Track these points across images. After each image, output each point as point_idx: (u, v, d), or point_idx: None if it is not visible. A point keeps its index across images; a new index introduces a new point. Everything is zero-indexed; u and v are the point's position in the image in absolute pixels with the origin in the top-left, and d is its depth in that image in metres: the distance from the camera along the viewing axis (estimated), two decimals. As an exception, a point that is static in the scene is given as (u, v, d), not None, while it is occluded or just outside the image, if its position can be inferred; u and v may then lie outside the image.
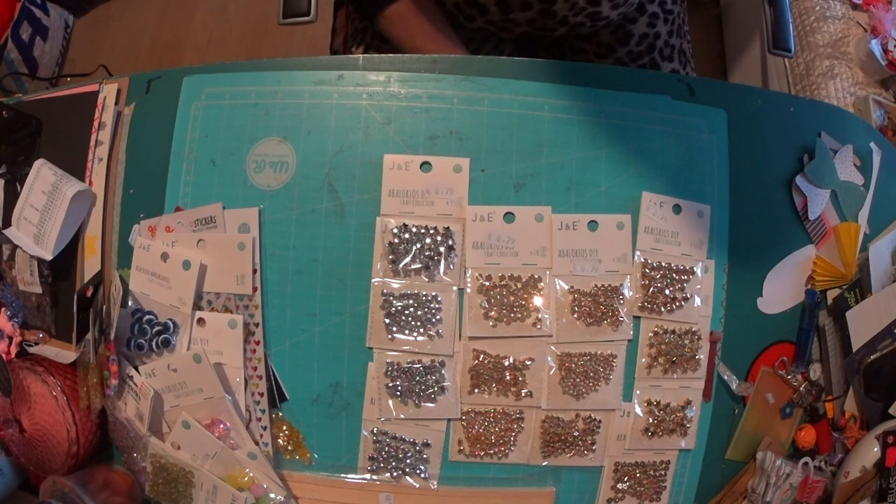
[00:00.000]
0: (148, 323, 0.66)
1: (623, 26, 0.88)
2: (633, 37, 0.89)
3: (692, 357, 0.67)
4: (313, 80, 0.68)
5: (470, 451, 0.66)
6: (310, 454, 0.67)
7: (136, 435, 0.67)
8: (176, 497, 0.67)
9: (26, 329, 0.72)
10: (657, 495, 0.68)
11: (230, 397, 0.65)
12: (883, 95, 1.25)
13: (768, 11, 0.95)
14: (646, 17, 0.88)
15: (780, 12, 0.94)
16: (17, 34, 1.66)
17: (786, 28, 0.94)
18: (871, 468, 0.66)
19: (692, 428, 0.68)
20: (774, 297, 0.70)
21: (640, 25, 0.89)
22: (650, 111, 0.68)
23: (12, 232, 0.70)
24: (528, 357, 0.65)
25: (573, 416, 0.66)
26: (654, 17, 0.89)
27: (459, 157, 0.66)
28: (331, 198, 0.66)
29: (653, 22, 0.89)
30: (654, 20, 0.89)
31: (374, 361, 0.66)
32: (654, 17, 0.89)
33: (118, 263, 0.69)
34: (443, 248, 0.65)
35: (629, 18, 0.88)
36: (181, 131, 0.68)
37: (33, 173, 0.69)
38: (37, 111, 0.74)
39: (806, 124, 0.72)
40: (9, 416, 0.70)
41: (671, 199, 0.67)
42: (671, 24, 0.91)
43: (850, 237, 0.71)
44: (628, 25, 0.89)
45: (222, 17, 1.91)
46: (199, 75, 0.69)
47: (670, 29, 0.91)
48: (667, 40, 0.91)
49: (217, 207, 0.66)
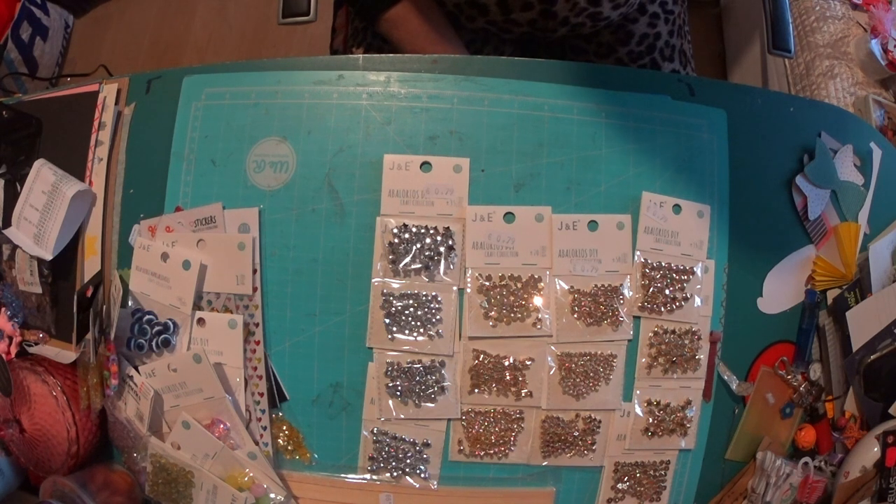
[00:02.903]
0: (148, 323, 0.66)
1: (624, 26, 0.88)
2: (633, 37, 0.89)
3: (692, 357, 0.67)
4: (313, 80, 0.68)
5: (470, 451, 0.66)
6: (310, 454, 0.67)
7: (136, 435, 0.67)
8: (176, 497, 0.67)
9: (26, 329, 0.72)
10: (657, 495, 0.68)
11: (230, 397, 0.65)
12: (883, 95, 1.25)
13: (768, 11, 0.95)
14: (646, 18, 0.88)
15: (780, 12, 0.94)
16: (17, 34, 1.66)
17: (786, 28, 0.94)
18: (871, 468, 0.66)
19: (692, 428, 0.68)
20: (774, 297, 0.70)
21: (641, 25, 0.88)
22: (650, 111, 0.68)
23: (12, 232, 0.70)
24: (528, 357, 0.65)
25: (573, 416, 0.66)
26: (654, 18, 0.89)
27: (459, 157, 0.66)
28: (331, 198, 0.66)
29: (653, 22, 0.89)
30: (654, 20, 0.89)
31: (374, 361, 0.66)
32: (654, 17, 0.89)
33: (118, 263, 0.69)
34: (443, 248, 0.65)
35: (630, 18, 0.88)
36: (181, 131, 0.68)
37: (33, 173, 0.69)
38: (37, 111, 0.74)
39: (806, 124, 0.72)
40: (9, 416, 0.70)
41: (671, 199, 0.67)
42: (672, 24, 0.91)
43: (850, 237, 0.71)
44: (629, 25, 0.88)
45: (222, 17, 1.91)
46: (199, 75, 0.69)
47: (671, 29, 0.91)
48: (667, 40, 0.90)
49: (217, 207, 0.66)
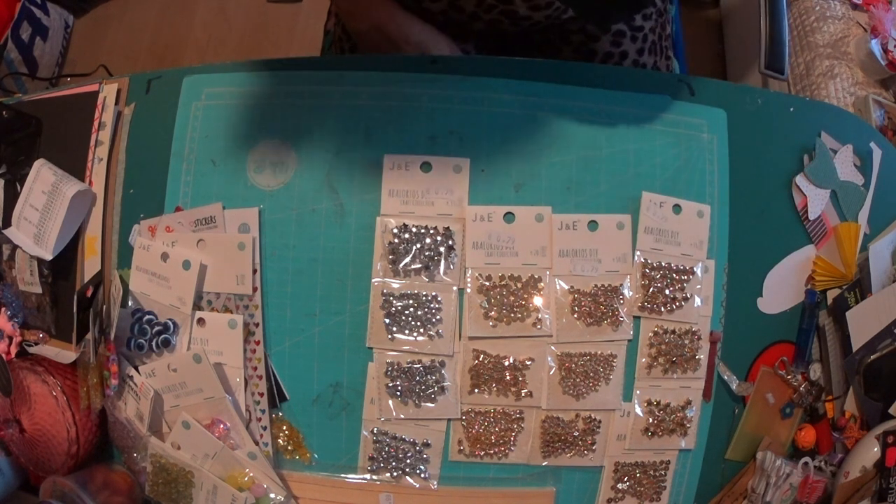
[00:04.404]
0: (148, 323, 0.66)
1: (585, 44, 0.84)
2: (596, 55, 0.84)
3: (692, 357, 0.67)
4: (313, 80, 0.68)
5: (470, 451, 0.66)
6: (310, 454, 0.67)
7: (136, 435, 0.67)
8: (176, 497, 0.67)
9: (26, 329, 0.72)
10: (657, 495, 0.68)
11: (230, 397, 0.65)
12: (883, 95, 1.25)
13: (766, 30, 0.92)
14: (609, 36, 0.83)
15: (777, 33, 0.92)
16: (17, 34, 1.66)
17: (781, 50, 0.91)
18: (871, 468, 0.66)
19: (692, 428, 0.68)
20: (774, 297, 0.70)
21: (604, 44, 0.83)
22: (650, 111, 0.68)
23: (12, 232, 0.70)
24: (528, 357, 0.65)
25: (573, 416, 0.66)
26: (619, 36, 0.83)
27: (459, 157, 0.66)
28: (331, 198, 0.66)
29: (617, 41, 0.84)
30: (619, 38, 0.83)
31: (374, 361, 0.66)
32: (619, 35, 0.83)
33: (118, 263, 0.69)
34: (443, 248, 0.65)
35: (591, 36, 0.83)
36: (181, 131, 0.68)
37: (33, 173, 0.69)
38: (37, 111, 0.74)
39: (806, 124, 0.72)
40: (9, 416, 0.70)
41: (671, 199, 0.67)
42: (642, 41, 0.85)
43: (850, 237, 0.71)
44: (591, 44, 0.84)
45: (222, 17, 1.90)
46: (199, 75, 0.69)
47: (640, 47, 0.85)
48: (636, 59, 0.85)
49: (217, 207, 0.66)
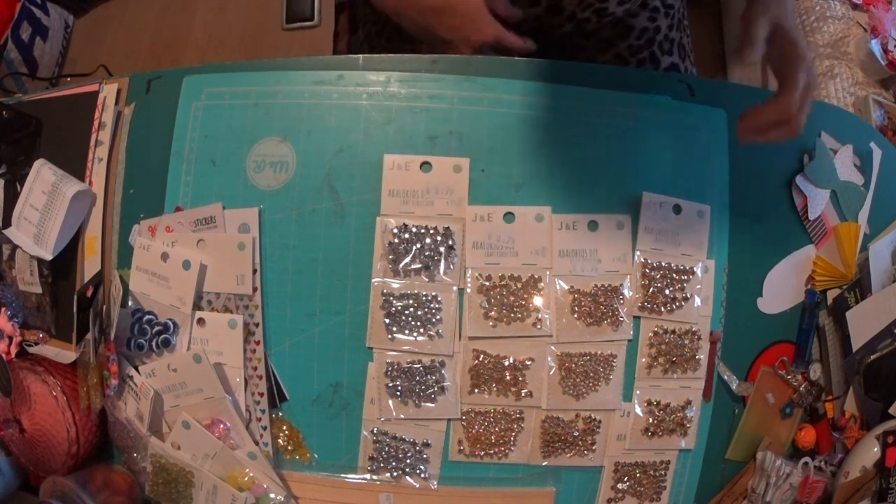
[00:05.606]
0: (148, 323, 0.66)
1: (623, 20, 0.89)
2: (633, 31, 0.89)
3: (692, 357, 0.67)
4: (313, 80, 0.68)
5: (470, 451, 0.66)
6: (310, 454, 0.67)
7: (136, 435, 0.67)
8: (176, 497, 0.67)
9: (26, 329, 0.72)
10: (657, 495, 0.68)
11: (230, 397, 0.65)
12: (883, 95, 1.25)
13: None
14: (647, 12, 0.89)
15: None
16: (17, 34, 1.66)
17: None
18: (871, 468, 0.66)
19: (692, 428, 0.68)
20: (774, 297, 0.70)
21: (641, 19, 0.89)
22: (650, 111, 0.68)
23: (12, 232, 0.70)
24: (528, 357, 0.65)
25: (573, 416, 0.66)
26: (654, 12, 0.89)
27: (459, 157, 0.66)
28: (331, 198, 0.66)
29: (653, 16, 0.89)
30: (654, 14, 0.89)
31: (374, 361, 0.66)
32: (654, 11, 0.89)
33: (118, 263, 0.69)
34: (443, 248, 0.65)
35: (630, 13, 0.89)
36: (181, 131, 0.68)
37: (33, 173, 0.69)
38: (37, 111, 0.74)
39: (806, 124, 0.72)
40: (9, 416, 0.70)
41: (671, 199, 0.67)
42: (671, 18, 0.91)
43: (850, 237, 0.71)
44: (629, 20, 0.89)
45: (222, 17, 1.90)
46: (199, 75, 0.69)
47: (670, 23, 0.91)
48: (666, 34, 0.91)
49: (217, 207, 0.66)
